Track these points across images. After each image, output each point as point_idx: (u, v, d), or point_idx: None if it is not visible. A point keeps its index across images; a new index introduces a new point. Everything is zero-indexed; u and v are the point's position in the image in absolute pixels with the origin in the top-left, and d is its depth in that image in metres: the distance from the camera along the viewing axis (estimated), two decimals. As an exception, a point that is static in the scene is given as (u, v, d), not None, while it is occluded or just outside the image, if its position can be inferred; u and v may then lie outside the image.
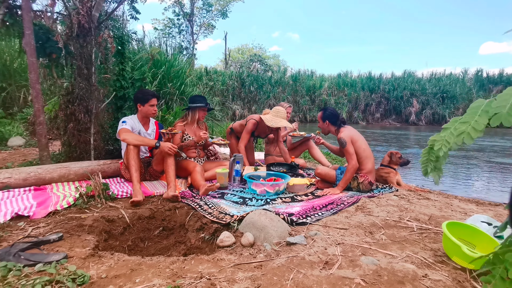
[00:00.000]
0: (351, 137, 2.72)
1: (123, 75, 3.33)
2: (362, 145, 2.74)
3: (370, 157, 2.76)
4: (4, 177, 2.41)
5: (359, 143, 2.73)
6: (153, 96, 2.82)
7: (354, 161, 2.65)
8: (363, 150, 2.72)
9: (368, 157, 2.74)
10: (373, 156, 2.82)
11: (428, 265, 1.46)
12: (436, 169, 0.86)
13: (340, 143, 2.73)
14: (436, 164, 0.84)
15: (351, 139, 2.71)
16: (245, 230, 1.78)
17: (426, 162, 0.88)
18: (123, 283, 1.28)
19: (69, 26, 3.10)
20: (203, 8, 23.01)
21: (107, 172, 2.94)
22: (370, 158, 2.76)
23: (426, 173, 0.88)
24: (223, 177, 2.76)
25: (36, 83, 2.87)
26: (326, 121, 2.87)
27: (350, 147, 2.67)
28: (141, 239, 2.02)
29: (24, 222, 1.89)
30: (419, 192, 2.93)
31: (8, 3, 3.05)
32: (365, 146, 2.77)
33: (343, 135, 2.71)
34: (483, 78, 19.83)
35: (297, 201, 2.45)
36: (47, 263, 1.37)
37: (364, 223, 1.99)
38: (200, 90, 7.50)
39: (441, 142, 0.79)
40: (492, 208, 2.51)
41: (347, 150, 2.68)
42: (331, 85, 19.33)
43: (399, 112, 18.60)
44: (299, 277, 1.33)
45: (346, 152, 2.70)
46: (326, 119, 2.87)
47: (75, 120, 3.10)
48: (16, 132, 5.27)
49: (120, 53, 3.34)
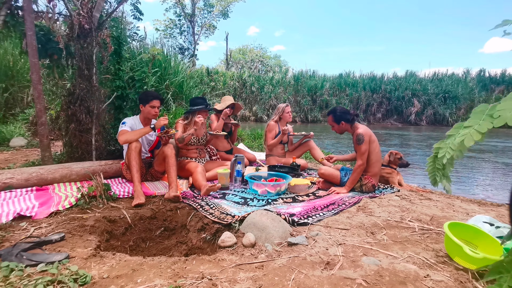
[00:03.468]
0: (370, 135, 2.65)
1: (119, 75, 3.35)
2: (376, 148, 2.69)
3: (379, 161, 2.73)
4: (6, 177, 2.42)
5: (374, 146, 2.67)
6: (155, 98, 2.80)
7: (363, 161, 2.62)
8: (376, 153, 2.68)
9: (378, 160, 2.71)
10: (382, 160, 2.79)
11: (430, 265, 1.46)
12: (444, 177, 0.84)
13: (358, 139, 2.63)
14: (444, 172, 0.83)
15: (369, 138, 2.64)
16: (247, 230, 1.78)
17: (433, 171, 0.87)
18: (125, 283, 1.28)
19: (70, 27, 3.11)
20: (204, 8, 23.06)
21: (109, 173, 2.95)
22: (379, 161, 2.73)
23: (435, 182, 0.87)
24: (224, 178, 2.76)
25: (38, 83, 2.88)
26: (342, 122, 2.75)
27: (365, 146, 2.60)
28: (143, 240, 2.02)
29: (26, 222, 1.90)
30: (421, 193, 2.92)
31: (9, 4, 3.06)
32: (378, 149, 2.72)
33: (363, 131, 2.63)
34: (485, 78, 19.74)
35: (299, 202, 2.45)
36: (49, 263, 1.38)
37: (366, 223, 1.98)
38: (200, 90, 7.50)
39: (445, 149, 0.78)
40: (494, 209, 2.50)
41: (359, 148, 2.62)
42: (333, 85, 19.31)
43: (400, 112, 18.55)
44: (301, 277, 1.33)
45: (358, 150, 2.63)
46: (341, 120, 2.75)
47: (76, 121, 3.11)
48: (18, 132, 5.29)
49: (117, 53, 3.36)
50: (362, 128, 2.67)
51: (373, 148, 2.66)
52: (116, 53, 3.35)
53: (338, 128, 2.81)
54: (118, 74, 3.35)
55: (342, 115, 2.75)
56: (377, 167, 2.72)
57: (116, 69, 3.34)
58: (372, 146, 2.65)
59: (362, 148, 2.61)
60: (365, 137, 2.61)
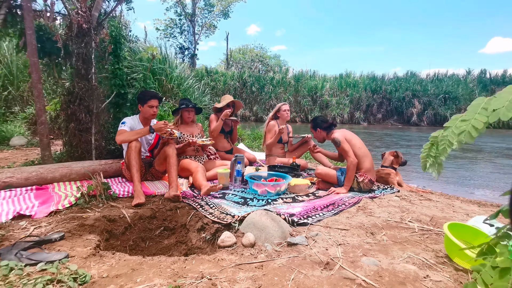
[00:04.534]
0: (344, 136, 2.77)
1: (117, 74, 3.35)
2: (357, 144, 2.77)
3: (367, 155, 2.77)
4: (6, 176, 2.42)
5: (354, 142, 2.77)
6: (152, 97, 2.78)
7: (352, 157, 2.68)
8: (358, 148, 2.74)
9: (365, 155, 2.75)
10: (370, 155, 2.82)
11: (429, 266, 1.46)
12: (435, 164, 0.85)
13: (335, 143, 2.79)
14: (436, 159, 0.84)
15: (345, 138, 2.76)
16: (246, 230, 1.78)
17: (426, 157, 0.88)
18: (124, 282, 1.28)
19: (68, 26, 3.11)
20: (205, 8, 23.06)
21: (109, 172, 2.94)
22: (367, 156, 2.76)
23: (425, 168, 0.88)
24: (224, 177, 2.76)
25: (38, 83, 2.88)
26: (318, 129, 2.99)
27: (345, 145, 2.72)
28: (142, 239, 2.02)
29: (26, 221, 1.90)
30: (421, 193, 2.92)
31: (9, 3, 3.05)
32: (360, 144, 2.79)
33: (336, 135, 2.79)
34: (486, 79, 19.78)
35: (298, 202, 2.45)
36: (49, 263, 1.38)
37: (365, 223, 1.98)
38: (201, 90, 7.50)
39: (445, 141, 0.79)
40: (494, 209, 2.50)
41: (342, 148, 2.73)
42: (333, 86, 19.33)
43: (400, 113, 18.58)
44: (300, 277, 1.33)
45: (342, 150, 2.74)
46: (316, 127, 3.00)
47: (76, 120, 3.11)
48: (18, 131, 5.29)
49: (115, 52, 3.35)
50: (336, 132, 2.84)
51: (353, 144, 2.75)
52: (114, 52, 3.35)
53: (315, 134, 3.06)
54: (116, 73, 3.35)
55: (319, 122, 2.99)
56: (367, 161, 2.75)
57: (115, 68, 3.34)
58: (351, 144, 2.75)
59: (344, 147, 2.72)
60: (340, 138, 2.74)
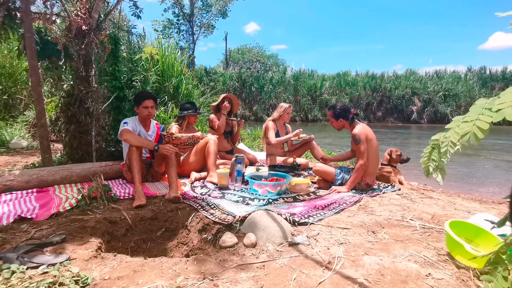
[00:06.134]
0: (366, 134, 2.63)
1: (115, 75, 3.35)
2: (374, 146, 2.67)
3: (375, 159, 2.70)
4: (7, 179, 2.42)
5: (372, 143, 2.66)
6: (146, 98, 2.77)
7: (364, 160, 2.59)
8: (373, 151, 2.66)
9: (374, 159, 2.68)
10: (379, 157, 2.78)
11: (431, 264, 1.45)
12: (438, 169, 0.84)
13: (354, 139, 2.63)
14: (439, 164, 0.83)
15: (366, 137, 2.63)
16: (248, 230, 1.78)
17: (428, 162, 0.87)
18: (126, 284, 1.28)
19: (68, 28, 3.10)
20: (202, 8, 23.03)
21: (109, 174, 2.94)
22: (375, 160, 2.70)
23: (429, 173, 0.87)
24: (225, 177, 2.76)
25: (37, 85, 2.88)
26: (340, 119, 2.78)
27: (363, 145, 2.60)
28: (144, 241, 2.02)
29: (27, 224, 1.90)
30: (422, 191, 2.92)
31: (7, 5, 3.05)
32: (376, 147, 2.69)
33: (359, 131, 2.62)
34: (486, 76, 19.74)
35: (299, 201, 2.45)
36: (50, 265, 1.38)
37: (367, 222, 1.98)
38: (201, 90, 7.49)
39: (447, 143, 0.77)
40: (496, 207, 2.50)
41: (359, 148, 2.61)
42: (332, 85, 19.31)
43: (400, 110, 18.55)
44: (302, 277, 1.33)
45: (358, 150, 2.62)
46: (339, 117, 2.78)
47: (76, 122, 3.11)
48: (18, 134, 5.29)
49: (113, 53, 3.35)
50: (358, 128, 2.66)
51: (370, 146, 2.64)
52: (112, 53, 3.34)
53: (336, 124, 2.84)
54: (115, 74, 3.35)
55: (342, 112, 2.76)
56: (372, 166, 2.69)
57: (113, 69, 3.33)
58: (369, 144, 2.64)
59: (360, 148, 2.60)
60: (361, 137, 2.60)
